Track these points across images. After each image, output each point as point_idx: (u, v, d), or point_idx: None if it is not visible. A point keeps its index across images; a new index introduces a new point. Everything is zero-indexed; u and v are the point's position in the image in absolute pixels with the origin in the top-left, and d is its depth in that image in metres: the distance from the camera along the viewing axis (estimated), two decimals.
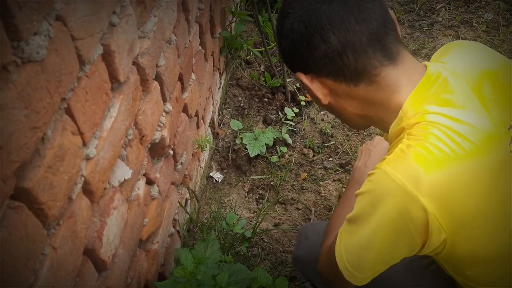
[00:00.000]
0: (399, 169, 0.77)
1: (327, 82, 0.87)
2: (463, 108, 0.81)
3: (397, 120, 0.85)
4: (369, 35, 0.81)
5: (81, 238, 0.76)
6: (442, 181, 0.75)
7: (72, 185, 0.72)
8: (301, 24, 0.83)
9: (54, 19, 0.63)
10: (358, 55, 0.82)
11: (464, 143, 0.77)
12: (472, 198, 0.77)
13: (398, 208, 0.77)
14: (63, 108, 0.69)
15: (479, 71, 0.87)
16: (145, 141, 1.06)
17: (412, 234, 0.78)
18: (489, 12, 2.55)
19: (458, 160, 0.76)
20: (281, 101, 2.14)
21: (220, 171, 1.90)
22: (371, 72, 0.83)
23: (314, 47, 0.83)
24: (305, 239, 1.21)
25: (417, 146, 0.78)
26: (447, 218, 0.76)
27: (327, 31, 0.81)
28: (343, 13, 0.81)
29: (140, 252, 1.09)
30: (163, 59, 1.13)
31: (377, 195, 0.80)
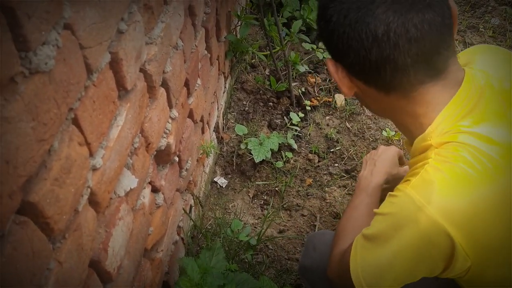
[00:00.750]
0: (425, 195, 0.74)
1: (356, 82, 0.81)
2: (496, 126, 0.77)
3: (425, 135, 0.80)
4: (416, 56, 0.73)
5: (86, 251, 0.74)
6: (470, 208, 0.72)
7: (79, 197, 0.70)
8: (347, 20, 0.74)
9: (63, 27, 0.62)
10: (397, 73, 0.75)
11: (491, 165, 0.74)
12: (498, 224, 0.74)
13: (423, 235, 0.74)
14: (70, 119, 0.67)
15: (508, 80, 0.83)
16: (151, 148, 1.04)
17: (435, 259, 0.76)
18: (495, 17, 2.53)
19: (486, 185, 0.73)
20: (286, 106, 2.12)
21: (225, 176, 1.88)
22: (407, 88, 0.78)
23: (353, 50, 0.75)
24: (312, 249, 1.20)
25: (446, 170, 0.74)
26: (473, 247, 0.73)
27: (372, 41, 0.73)
28: (396, 27, 0.71)
29: (145, 262, 1.07)
30: (170, 65, 1.11)
31: (399, 219, 0.77)
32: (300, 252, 1.63)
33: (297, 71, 2.15)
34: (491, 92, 0.80)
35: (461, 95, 0.78)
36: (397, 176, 1.22)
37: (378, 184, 1.16)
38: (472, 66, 0.86)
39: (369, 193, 1.13)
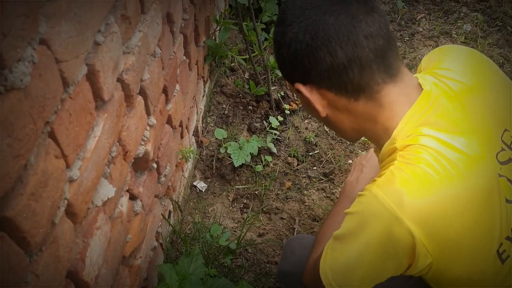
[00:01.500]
0: (388, 193, 0.78)
1: (328, 95, 0.86)
2: (455, 133, 0.82)
3: (391, 139, 0.86)
4: (375, 51, 0.81)
5: (64, 262, 0.75)
6: (430, 207, 0.76)
7: (55, 209, 0.71)
8: (307, 34, 0.82)
9: (38, 43, 0.62)
10: (363, 70, 0.82)
11: (453, 169, 0.78)
12: (458, 224, 0.78)
13: (386, 232, 0.78)
14: (46, 132, 0.67)
15: (471, 85, 0.89)
16: (129, 156, 1.05)
17: (399, 256, 0.79)
18: (467, 24, 2.60)
19: (446, 186, 0.77)
20: (265, 109, 2.14)
21: (204, 180, 1.89)
22: (374, 88, 0.84)
23: (320, 59, 0.82)
24: (291, 253, 1.22)
25: (407, 170, 0.79)
26: (434, 243, 0.77)
27: (335, 44, 0.80)
28: (352, 27, 0.80)
29: (123, 269, 1.08)
30: (148, 73, 1.12)
31: (365, 217, 0.81)
32: (280, 255, 1.65)
33: (276, 75, 2.18)
34: (449, 99, 0.85)
35: (421, 102, 0.84)
36: None
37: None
38: (434, 70, 0.91)
39: (352, 199, 1.15)
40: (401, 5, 2.70)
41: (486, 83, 0.91)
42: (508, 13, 2.64)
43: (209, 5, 1.90)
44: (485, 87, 0.90)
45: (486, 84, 0.91)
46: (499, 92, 0.92)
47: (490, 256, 0.81)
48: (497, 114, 0.89)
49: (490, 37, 2.52)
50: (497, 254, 0.82)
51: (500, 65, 2.37)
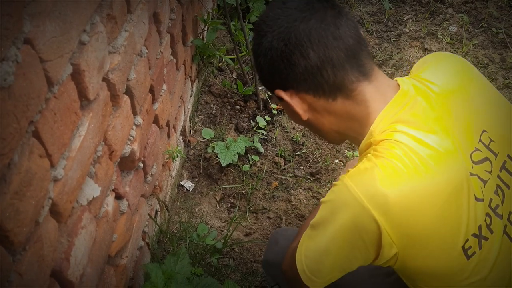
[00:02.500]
0: (357, 183, 0.82)
1: (307, 98, 0.90)
2: (429, 131, 0.85)
3: (368, 134, 0.90)
4: (346, 51, 0.86)
5: (48, 262, 0.75)
6: (396, 198, 0.80)
7: (40, 208, 0.71)
8: (281, 41, 0.86)
9: (22, 42, 0.62)
10: (336, 70, 0.86)
11: (422, 165, 0.81)
12: (424, 217, 0.81)
13: (354, 220, 0.81)
14: (31, 131, 0.68)
15: (452, 89, 0.92)
16: (115, 156, 1.05)
17: (366, 244, 0.83)
18: (453, 25, 2.63)
19: (413, 180, 0.81)
20: (253, 109, 2.15)
21: (191, 179, 1.89)
22: (348, 87, 0.88)
23: (294, 63, 0.86)
24: (275, 244, 1.25)
25: (378, 163, 0.82)
26: (399, 234, 0.80)
27: (307, 47, 0.85)
28: (321, 30, 0.85)
29: (109, 269, 1.08)
30: (134, 73, 1.12)
31: (336, 205, 0.84)
32: None
33: None
34: (427, 99, 0.89)
35: (397, 99, 0.88)
36: None
37: None
38: (418, 74, 0.95)
39: None
40: (388, 6, 2.73)
41: (468, 87, 0.94)
42: (493, 15, 2.68)
43: (197, 5, 1.90)
44: (466, 91, 0.93)
45: (468, 88, 0.94)
46: (481, 95, 0.95)
47: (455, 251, 0.84)
48: (476, 115, 0.92)
49: (475, 38, 2.56)
50: (462, 249, 0.84)
51: (484, 66, 2.41)
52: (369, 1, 2.86)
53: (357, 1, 2.84)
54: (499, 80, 2.35)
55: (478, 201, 0.85)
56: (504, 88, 2.31)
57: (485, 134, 0.91)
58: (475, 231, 0.85)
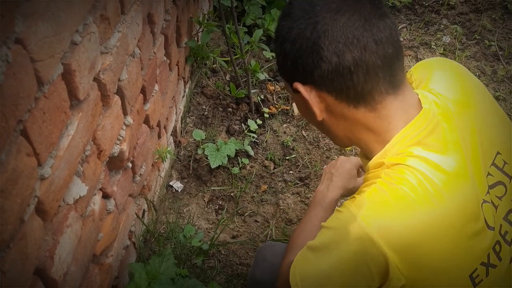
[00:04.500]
0: (365, 214, 0.77)
1: (327, 98, 0.83)
2: (447, 155, 0.81)
3: (381, 153, 0.84)
4: (384, 58, 0.78)
5: (32, 259, 0.75)
6: (408, 231, 0.76)
7: (25, 207, 0.71)
8: (315, 32, 0.78)
9: (14, 42, 0.63)
10: (369, 77, 0.79)
11: (435, 192, 0.77)
12: (437, 250, 0.78)
13: (360, 252, 0.77)
14: (19, 130, 0.68)
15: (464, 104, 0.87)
16: (103, 155, 1.05)
17: (372, 273, 0.79)
18: (447, 36, 2.66)
19: (425, 211, 0.77)
20: (245, 112, 2.16)
21: (181, 180, 1.90)
22: (375, 97, 0.81)
23: (325, 60, 0.78)
24: (262, 260, 1.20)
25: (388, 190, 0.78)
26: (408, 267, 0.77)
27: (343, 46, 0.77)
28: (363, 30, 0.77)
29: (93, 267, 1.08)
30: (126, 73, 1.13)
31: (341, 234, 0.79)
32: (252, 257, 1.67)
33: (257, 79, 2.20)
34: (447, 120, 0.84)
35: (419, 120, 0.82)
36: (353, 190, 1.25)
37: (333, 199, 1.19)
38: (427, 84, 0.90)
39: (324, 207, 1.16)
40: None
41: (478, 103, 0.90)
42: (487, 27, 2.72)
43: (192, 6, 1.91)
44: (477, 107, 0.89)
45: (478, 104, 0.90)
46: (490, 112, 0.91)
47: (463, 280, 0.81)
48: (489, 135, 0.88)
49: (468, 50, 2.59)
50: (470, 278, 0.82)
51: (476, 77, 2.44)
52: None
53: None
54: (490, 92, 2.37)
55: (490, 230, 0.82)
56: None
57: (499, 157, 0.87)
58: (484, 260, 0.82)
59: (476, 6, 2.85)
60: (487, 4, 2.86)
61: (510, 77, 2.44)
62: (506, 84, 2.41)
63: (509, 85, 2.40)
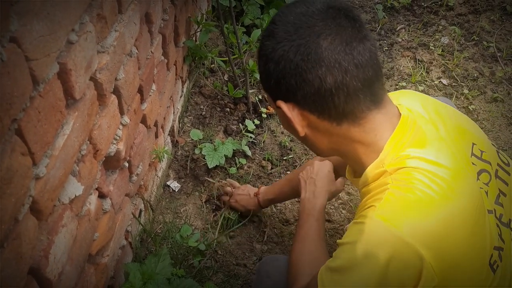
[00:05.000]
0: (392, 218, 0.78)
1: (309, 117, 0.85)
2: (437, 150, 0.84)
3: (377, 162, 0.86)
4: (364, 81, 0.81)
5: (26, 259, 0.75)
6: (436, 226, 0.77)
7: (19, 206, 0.71)
8: (299, 55, 0.80)
9: (8, 40, 0.63)
10: (349, 98, 0.81)
11: (446, 186, 0.79)
12: (459, 241, 0.79)
13: (395, 258, 0.77)
14: (13, 129, 0.68)
15: (434, 115, 0.92)
16: (100, 155, 1.05)
17: (404, 283, 0.79)
18: (445, 36, 2.66)
19: (445, 204, 0.79)
20: (243, 112, 2.16)
21: (178, 180, 1.89)
22: (357, 115, 0.84)
23: (308, 82, 0.81)
24: (266, 277, 1.17)
25: (407, 192, 0.79)
26: (440, 264, 0.77)
27: (325, 69, 0.79)
28: (344, 54, 0.79)
29: (89, 267, 1.08)
30: (123, 73, 1.12)
31: (371, 245, 0.79)
32: (249, 257, 1.67)
33: (255, 79, 2.19)
34: (424, 122, 0.88)
35: (402, 126, 0.86)
36: (335, 193, 1.27)
37: (322, 205, 1.19)
38: (400, 103, 0.94)
39: (316, 217, 1.16)
40: (381, 15, 2.75)
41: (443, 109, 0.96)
42: (485, 28, 2.72)
43: (190, 6, 1.90)
44: (443, 113, 0.95)
45: (443, 109, 0.96)
46: (456, 114, 0.97)
47: (484, 268, 0.82)
48: (462, 131, 0.93)
49: (466, 51, 2.59)
50: (489, 265, 0.83)
51: (474, 79, 2.44)
52: (363, 9, 2.88)
53: None
54: (488, 94, 2.38)
55: (490, 213, 0.85)
56: (492, 101, 2.34)
57: (475, 147, 0.92)
58: (495, 244, 0.84)
59: (475, 7, 2.85)
60: (485, 6, 2.86)
61: (508, 78, 2.45)
62: (504, 86, 2.41)
63: (507, 86, 2.41)
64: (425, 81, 2.42)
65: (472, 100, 2.34)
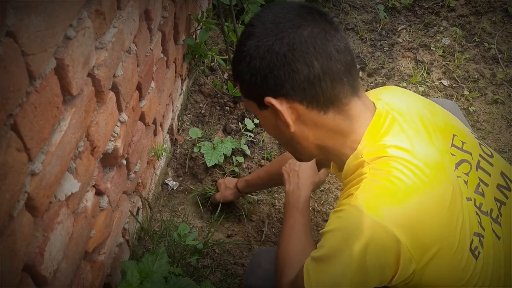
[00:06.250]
0: (369, 203, 0.81)
1: (299, 108, 0.87)
2: (415, 141, 0.87)
3: (356, 154, 0.89)
4: (345, 65, 0.86)
5: (20, 256, 0.74)
6: (411, 211, 0.81)
7: (14, 202, 0.70)
8: (284, 46, 0.83)
9: (5, 35, 0.62)
10: (335, 82, 0.85)
11: (422, 174, 0.83)
12: (435, 226, 0.82)
13: (371, 242, 0.80)
14: (9, 125, 0.67)
15: (412, 108, 0.96)
16: (97, 152, 1.04)
17: (382, 266, 0.82)
18: (446, 38, 2.65)
19: (420, 190, 0.82)
20: (242, 111, 2.15)
21: (176, 178, 1.89)
22: (343, 100, 0.87)
23: (296, 70, 0.83)
24: (257, 267, 1.20)
25: (382, 179, 0.83)
26: (417, 248, 0.81)
27: (311, 56, 0.83)
28: (326, 40, 0.84)
29: (85, 264, 1.07)
30: (121, 69, 1.12)
31: (350, 230, 0.82)
32: (247, 256, 1.67)
33: None
34: (400, 114, 0.92)
35: (378, 117, 0.90)
36: (319, 183, 1.28)
37: (307, 197, 1.19)
38: (379, 97, 0.97)
39: (301, 209, 1.17)
40: (383, 15, 2.74)
41: (421, 103, 1.00)
42: (486, 30, 2.71)
43: (191, 3, 1.90)
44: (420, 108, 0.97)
45: (421, 104, 0.99)
46: (435, 108, 1.01)
47: (465, 253, 0.85)
48: (440, 123, 0.96)
49: (467, 52, 2.58)
50: (470, 251, 0.86)
51: (475, 80, 2.43)
52: (364, 9, 2.87)
53: (353, 9, 2.86)
54: (489, 95, 2.37)
55: (469, 201, 0.88)
56: (492, 103, 2.33)
57: (456, 138, 0.95)
58: (474, 230, 0.87)
59: (476, 9, 2.84)
60: (487, 7, 2.85)
61: (509, 80, 2.44)
62: (505, 87, 2.41)
63: (508, 88, 2.40)
64: (425, 82, 2.41)
65: (472, 102, 2.34)
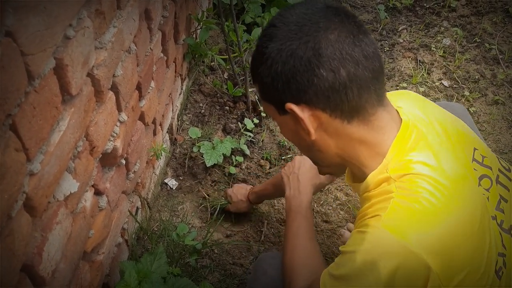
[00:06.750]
0: (398, 228, 0.77)
1: (321, 116, 0.82)
2: (439, 155, 0.83)
3: (381, 168, 0.85)
4: (373, 72, 0.80)
5: (19, 256, 0.74)
6: (442, 236, 0.77)
7: (13, 202, 0.70)
8: (309, 50, 0.78)
9: (4, 35, 0.62)
10: (362, 90, 0.80)
11: (450, 194, 0.79)
12: (466, 249, 0.78)
13: (402, 267, 0.76)
14: (8, 125, 0.67)
15: (433, 117, 0.91)
16: (96, 152, 1.04)
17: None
18: (447, 38, 2.65)
19: (450, 212, 0.78)
20: (242, 111, 2.15)
21: (176, 178, 1.89)
22: (368, 110, 0.83)
23: (321, 77, 0.79)
24: (262, 274, 1.15)
25: (412, 201, 0.78)
26: (447, 273, 0.77)
27: (338, 62, 0.78)
28: (354, 46, 0.79)
29: (84, 264, 1.07)
30: (121, 69, 1.11)
31: (376, 254, 0.78)
32: (246, 257, 1.66)
33: None
34: (425, 125, 0.87)
35: (405, 130, 0.85)
36: (320, 186, 1.25)
37: (309, 201, 1.17)
38: (397, 105, 0.92)
39: (304, 214, 1.14)
40: (383, 16, 2.74)
41: (441, 113, 0.95)
42: (487, 30, 2.71)
43: (191, 3, 1.89)
44: (441, 117, 0.93)
45: (441, 114, 0.95)
46: (453, 119, 0.96)
47: (491, 275, 0.82)
48: (462, 136, 0.92)
49: (468, 53, 2.58)
50: (495, 272, 0.83)
51: (475, 81, 2.43)
52: (365, 9, 2.87)
53: (353, 9, 2.85)
54: (489, 96, 2.37)
55: (493, 220, 0.84)
56: (493, 104, 2.33)
57: (477, 152, 0.91)
58: (500, 250, 0.84)
59: (477, 9, 2.84)
60: (488, 7, 2.85)
61: (510, 81, 2.43)
62: (505, 88, 2.40)
63: (509, 89, 2.40)
64: (426, 82, 2.41)
65: (473, 102, 2.34)
